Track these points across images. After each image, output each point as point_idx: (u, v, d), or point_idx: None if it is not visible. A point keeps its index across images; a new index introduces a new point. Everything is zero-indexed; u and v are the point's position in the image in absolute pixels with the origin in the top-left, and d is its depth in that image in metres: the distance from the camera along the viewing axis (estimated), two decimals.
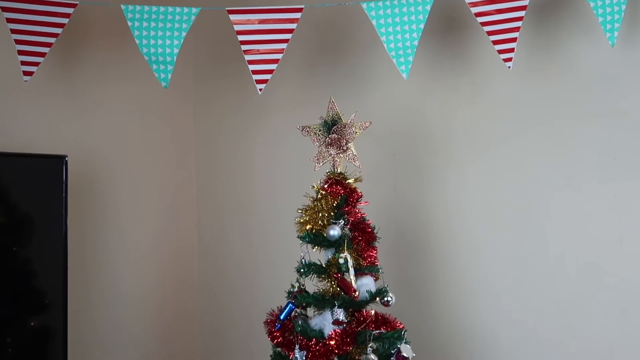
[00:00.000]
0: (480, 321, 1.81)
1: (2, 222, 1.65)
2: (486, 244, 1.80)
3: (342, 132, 1.54)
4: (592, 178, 1.65)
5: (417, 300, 1.88)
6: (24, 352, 1.65)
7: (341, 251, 1.47)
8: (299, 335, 1.44)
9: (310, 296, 1.48)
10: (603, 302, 1.64)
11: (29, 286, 1.69)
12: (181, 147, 2.29)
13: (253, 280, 2.21)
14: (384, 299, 1.48)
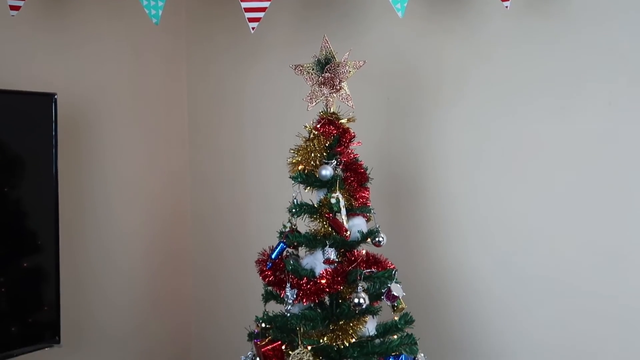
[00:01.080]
0: (469, 261, 1.83)
1: None
2: (477, 186, 1.80)
3: (335, 71, 1.51)
4: (585, 119, 1.64)
5: (408, 241, 1.89)
6: (17, 292, 1.65)
7: (333, 191, 1.47)
8: (290, 274, 1.44)
9: (302, 236, 1.47)
10: (593, 239, 1.65)
11: (20, 227, 1.69)
12: (173, 87, 2.26)
13: (246, 221, 2.22)
14: (376, 239, 1.48)
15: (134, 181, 2.13)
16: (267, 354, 1.41)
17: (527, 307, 1.77)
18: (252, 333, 1.50)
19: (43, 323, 1.68)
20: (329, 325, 1.45)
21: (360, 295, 1.39)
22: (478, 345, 1.85)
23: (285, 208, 1.51)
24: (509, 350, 1.81)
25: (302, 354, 1.39)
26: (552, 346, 1.75)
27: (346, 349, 1.43)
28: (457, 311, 1.87)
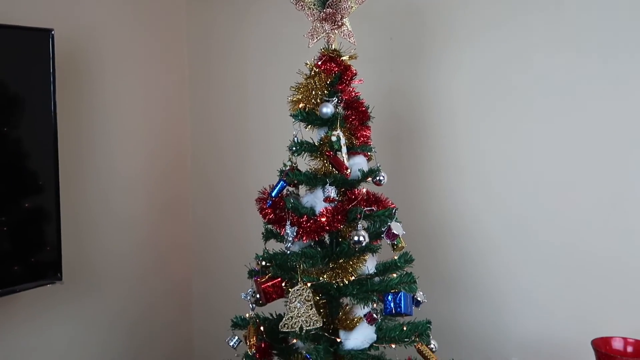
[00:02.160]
0: (468, 203, 1.83)
1: None
2: (480, 127, 1.79)
3: (337, 6, 1.48)
4: (593, 57, 1.61)
5: (408, 181, 1.89)
6: (19, 232, 1.65)
7: (334, 129, 1.45)
8: (290, 212, 1.44)
9: (302, 174, 1.46)
10: (595, 183, 1.65)
11: (21, 167, 1.68)
12: (173, 23, 2.23)
13: (245, 162, 2.22)
14: (376, 178, 1.47)
15: (133, 122, 2.11)
16: (267, 291, 1.42)
17: (524, 249, 1.78)
18: (252, 271, 1.51)
19: (45, 262, 1.69)
20: (329, 264, 1.46)
21: (360, 233, 1.39)
22: (474, 286, 1.86)
23: (285, 147, 1.50)
24: (503, 291, 1.83)
25: (302, 291, 1.39)
26: (545, 288, 1.76)
27: (345, 287, 1.43)
28: (455, 252, 1.88)
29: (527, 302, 1.80)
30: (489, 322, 1.86)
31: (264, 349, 1.51)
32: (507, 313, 1.83)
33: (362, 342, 1.40)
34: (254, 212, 1.54)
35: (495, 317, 1.85)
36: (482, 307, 1.87)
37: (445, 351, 1.52)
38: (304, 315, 1.39)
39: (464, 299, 1.89)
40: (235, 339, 1.52)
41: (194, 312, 2.38)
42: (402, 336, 1.41)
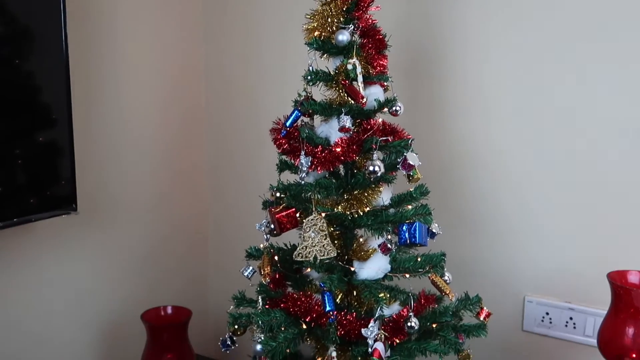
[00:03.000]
0: (487, 137, 1.81)
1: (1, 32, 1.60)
2: (502, 61, 1.76)
3: None
4: None
5: (425, 114, 1.87)
6: (33, 165, 1.65)
7: (350, 57, 1.42)
8: (304, 142, 1.42)
9: (317, 104, 1.44)
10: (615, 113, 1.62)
11: (34, 101, 1.66)
12: None
13: (260, 92, 2.19)
14: (392, 108, 1.45)
15: (146, 49, 2.08)
16: (281, 221, 1.42)
17: (540, 186, 1.76)
18: (266, 201, 1.50)
19: (60, 196, 1.69)
20: (343, 195, 1.45)
21: (375, 163, 1.37)
22: (489, 222, 1.86)
23: (300, 76, 1.47)
24: (518, 227, 1.82)
25: (316, 221, 1.39)
26: (561, 224, 1.75)
27: (360, 218, 1.43)
28: (471, 187, 1.87)
29: (542, 238, 1.80)
30: (503, 258, 1.86)
31: (278, 280, 1.52)
32: (521, 248, 1.83)
33: (376, 272, 1.40)
34: (269, 144, 1.53)
35: (510, 252, 1.85)
36: (497, 242, 1.86)
37: (458, 285, 1.52)
38: (318, 245, 1.39)
39: (478, 234, 1.88)
40: (249, 269, 1.52)
41: (209, 244, 2.39)
42: (416, 267, 1.41)
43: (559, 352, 1.83)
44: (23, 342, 1.79)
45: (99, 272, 1.99)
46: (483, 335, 1.47)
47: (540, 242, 1.80)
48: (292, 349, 1.37)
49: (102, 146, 1.97)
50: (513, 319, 1.88)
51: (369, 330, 1.33)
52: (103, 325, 2.01)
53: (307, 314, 1.38)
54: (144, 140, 2.11)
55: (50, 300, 1.85)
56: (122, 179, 2.04)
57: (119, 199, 2.03)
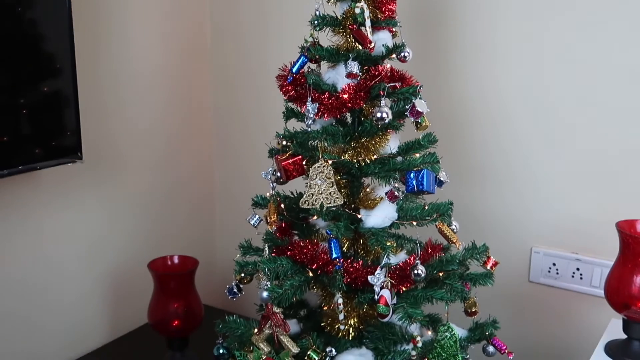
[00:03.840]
0: (495, 87, 1.79)
1: None
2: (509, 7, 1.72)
3: None
4: None
5: (433, 60, 1.84)
6: (38, 115, 1.64)
7: (357, 1, 1.38)
8: (311, 89, 1.40)
9: (324, 49, 1.41)
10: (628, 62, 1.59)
11: (37, 50, 1.64)
12: None
13: (265, 39, 2.16)
14: (401, 54, 1.42)
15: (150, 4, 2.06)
16: (287, 168, 1.40)
17: (548, 136, 1.75)
18: (272, 150, 1.49)
19: (65, 147, 1.68)
20: (350, 142, 1.43)
21: (383, 109, 1.35)
22: (496, 172, 1.85)
23: (307, 22, 1.44)
24: (526, 177, 1.81)
25: (323, 168, 1.37)
26: (569, 175, 1.74)
27: (367, 166, 1.41)
28: (479, 137, 1.85)
29: (550, 188, 1.79)
30: (511, 209, 1.85)
31: (284, 228, 1.52)
32: (529, 199, 1.82)
33: (383, 220, 1.39)
34: (275, 91, 1.51)
35: (517, 203, 1.84)
36: (504, 193, 1.85)
37: (465, 236, 1.51)
38: (325, 192, 1.38)
39: (486, 185, 1.87)
40: (256, 218, 1.52)
41: (216, 195, 2.39)
42: (424, 215, 1.40)
43: (565, 302, 1.83)
44: (29, 289, 1.80)
45: (105, 222, 1.99)
46: (490, 284, 1.47)
47: (548, 192, 1.79)
48: (298, 296, 1.37)
49: (108, 97, 1.96)
50: (519, 270, 1.88)
51: (375, 277, 1.33)
52: (110, 274, 2.02)
53: (313, 261, 1.38)
54: (149, 91, 2.09)
55: (56, 248, 1.85)
56: (128, 129, 2.03)
57: (125, 150, 2.03)
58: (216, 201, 2.40)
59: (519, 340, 1.87)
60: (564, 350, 1.84)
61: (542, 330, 1.87)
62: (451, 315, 1.39)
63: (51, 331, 1.86)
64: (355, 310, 1.47)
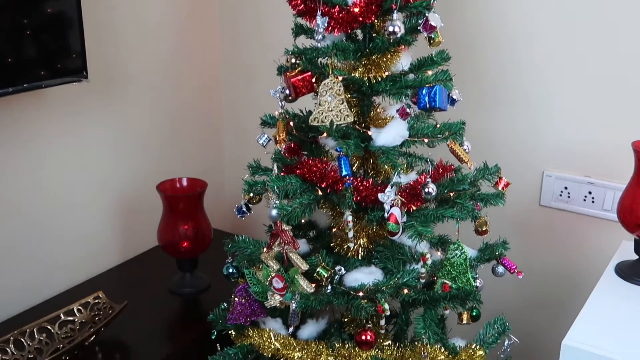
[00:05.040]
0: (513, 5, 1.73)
1: None
2: None
3: None
4: None
5: None
6: (42, 36, 1.60)
7: None
8: (320, 2, 1.35)
9: None
10: None
11: None
12: None
13: None
14: None
15: None
16: (296, 85, 1.37)
17: (563, 58, 1.70)
18: (281, 67, 1.46)
19: (70, 69, 1.65)
20: (361, 59, 1.39)
21: (395, 23, 1.30)
22: (510, 94, 1.81)
23: None
24: (539, 99, 1.77)
25: (333, 84, 1.34)
26: (584, 96, 1.70)
27: (378, 84, 1.38)
28: (492, 58, 1.81)
29: (564, 111, 1.75)
30: (523, 131, 1.83)
31: (294, 149, 1.50)
32: (541, 122, 1.79)
33: (393, 139, 1.37)
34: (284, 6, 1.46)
35: (530, 126, 1.81)
36: (517, 115, 1.82)
37: (476, 158, 1.48)
38: (335, 110, 1.35)
39: (498, 108, 1.84)
40: (264, 137, 1.50)
41: (224, 116, 2.37)
42: (435, 132, 1.37)
43: (576, 226, 1.82)
44: (35, 213, 1.80)
45: (113, 145, 1.98)
46: (501, 203, 1.45)
47: (561, 115, 1.76)
48: (307, 214, 1.36)
49: (113, 18, 1.91)
50: (531, 194, 1.86)
51: (385, 195, 1.31)
52: (119, 197, 2.02)
53: (322, 179, 1.36)
54: (155, 11, 2.03)
55: (62, 171, 1.84)
56: (134, 51, 1.99)
57: (132, 72, 1.99)
58: (224, 124, 2.38)
59: (529, 263, 1.87)
60: (574, 272, 1.84)
61: (552, 254, 1.87)
62: (461, 238, 1.38)
63: (60, 256, 1.87)
64: (365, 230, 1.46)
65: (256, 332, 1.49)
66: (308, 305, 1.36)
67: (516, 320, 1.68)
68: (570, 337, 1.27)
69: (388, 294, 1.34)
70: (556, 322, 1.88)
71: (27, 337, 1.57)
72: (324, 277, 1.35)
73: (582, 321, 1.33)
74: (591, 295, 1.42)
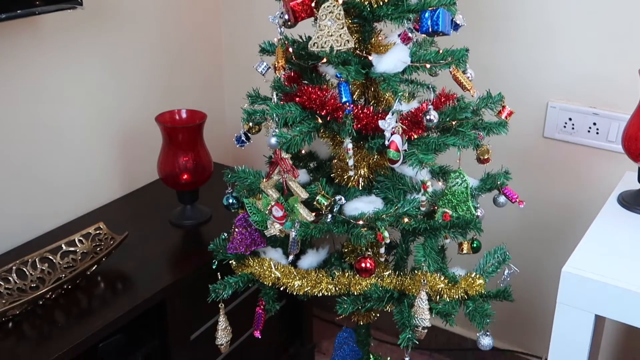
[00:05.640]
0: None
1: None
2: None
3: None
4: None
5: None
6: None
7: None
8: None
9: None
10: None
11: None
12: None
13: None
14: None
15: None
16: (295, 9, 1.33)
17: None
18: None
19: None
20: None
21: None
22: (515, 20, 1.76)
23: None
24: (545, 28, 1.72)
25: (333, 8, 1.30)
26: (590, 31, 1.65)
27: (379, 8, 1.34)
28: None
29: (569, 40, 1.71)
30: (527, 61, 1.79)
31: (293, 77, 1.47)
32: (546, 52, 1.76)
33: (395, 65, 1.33)
34: None
35: (534, 55, 1.78)
36: (521, 44, 1.78)
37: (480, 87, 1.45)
38: (335, 34, 1.31)
39: (501, 37, 1.80)
40: (263, 65, 1.46)
41: (224, 47, 2.33)
42: (438, 58, 1.34)
43: (580, 158, 1.80)
44: (33, 146, 1.79)
45: (110, 75, 1.94)
46: (504, 132, 1.43)
47: (566, 45, 1.72)
48: (307, 142, 1.34)
49: None
50: (534, 125, 1.84)
51: (386, 122, 1.29)
52: (118, 130, 1.99)
53: (322, 107, 1.33)
54: None
55: (58, 103, 1.81)
56: None
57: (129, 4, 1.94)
58: (224, 54, 2.33)
59: (531, 194, 1.86)
60: (576, 203, 1.83)
61: (554, 185, 1.86)
62: (462, 169, 1.36)
63: (60, 189, 1.86)
64: (365, 159, 1.45)
65: (256, 261, 1.49)
66: (308, 234, 1.35)
67: (517, 250, 1.68)
68: (570, 264, 1.27)
69: (388, 222, 1.34)
70: (557, 252, 1.88)
71: (29, 267, 1.58)
72: (324, 205, 1.34)
73: (582, 249, 1.32)
74: (593, 223, 1.41)
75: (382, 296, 1.41)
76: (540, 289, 1.97)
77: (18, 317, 1.48)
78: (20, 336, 1.43)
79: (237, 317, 1.69)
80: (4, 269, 1.55)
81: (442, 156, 1.42)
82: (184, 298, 1.67)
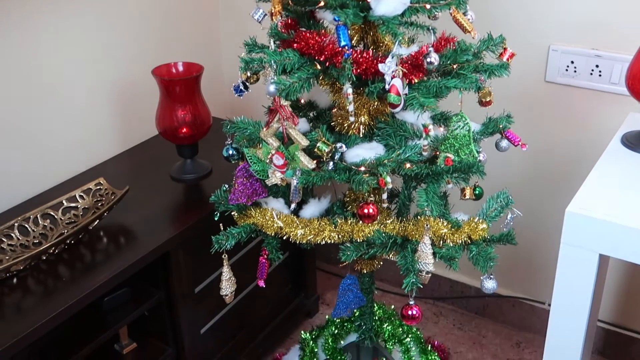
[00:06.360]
0: None
1: None
2: None
3: None
4: None
5: None
6: None
7: None
8: None
9: None
10: None
11: None
12: None
13: None
14: None
15: None
16: None
17: None
18: None
19: None
20: None
21: None
22: None
23: None
24: None
25: None
26: None
27: None
28: None
29: None
30: (528, 4, 1.75)
31: (290, 24, 1.44)
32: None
33: (394, 7, 1.30)
34: None
35: None
36: None
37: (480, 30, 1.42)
38: None
39: None
40: (259, 12, 1.44)
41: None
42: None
43: (582, 101, 1.78)
44: (29, 102, 1.77)
45: (104, 28, 1.90)
46: (505, 74, 1.41)
47: None
48: (306, 89, 1.32)
49: None
50: (536, 70, 1.81)
51: (386, 65, 1.27)
52: (116, 84, 1.97)
53: (321, 52, 1.31)
54: None
55: (54, 57, 1.79)
56: None
57: None
58: (219, 4, 2.29)
59: (534, 138, 1.84)
60: (579, 145, 1.82)
61: (557, 129, 1.85)
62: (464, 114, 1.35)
63: (58, 146, 1.85)
64: (366, 106, 1.43)
65: (258, 211, 1.49)
66: (309, 181, 1.34)
67: (520, 195, 1.67)
68: (574, 204, 1.26)
69: (390, 167, 1.33)
70: (560, 195, 1.87)
71: (31, 223, 1.58)
72: (325, 152, 1.33)
73: (586, 189, 1.32)
74: (596, 164, 1.40)
75: (385, 242, 1.41)
76: (543, 233, 1.97)
77: (23, 273, 1.48)
78: (25, 291, 1.44)
79: (241, 270, 1.70)
80: (6, 226, 1.55)
81: (443, 102, 1.41)
82: (187, 251, 1.67)
